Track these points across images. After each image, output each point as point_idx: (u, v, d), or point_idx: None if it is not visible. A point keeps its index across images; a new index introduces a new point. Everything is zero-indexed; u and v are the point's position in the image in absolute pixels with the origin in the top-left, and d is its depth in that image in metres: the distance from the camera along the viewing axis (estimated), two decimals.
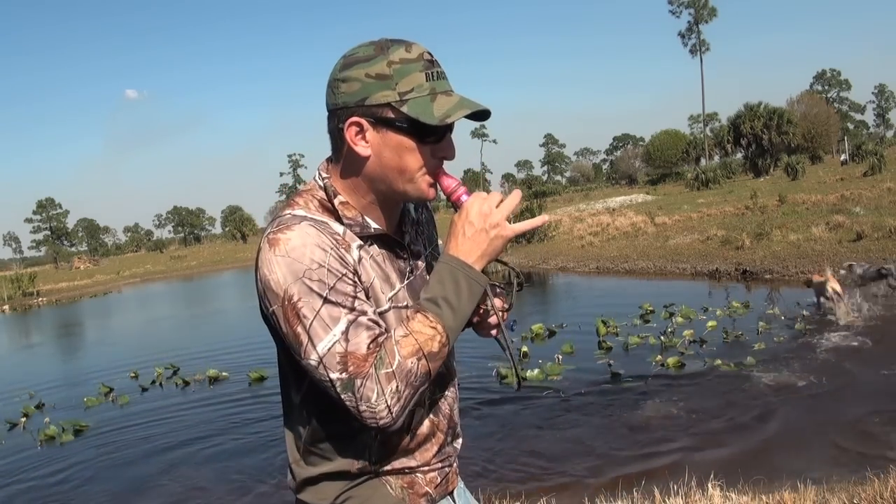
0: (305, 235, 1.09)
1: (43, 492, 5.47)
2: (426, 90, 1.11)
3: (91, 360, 12.69)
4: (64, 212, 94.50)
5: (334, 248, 1.10)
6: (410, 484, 1.23)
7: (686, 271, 13.12)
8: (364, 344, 1.07)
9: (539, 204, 23.55)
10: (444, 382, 1.29)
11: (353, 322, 1.08)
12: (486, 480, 4.49)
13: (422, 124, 1.10)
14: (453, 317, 1.11)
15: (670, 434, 5.06)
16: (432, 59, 1.14)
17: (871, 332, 7.01)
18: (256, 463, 5.48)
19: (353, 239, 1.16)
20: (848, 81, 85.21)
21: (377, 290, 1.16)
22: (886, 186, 17.72)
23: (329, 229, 1.13)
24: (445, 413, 1.28)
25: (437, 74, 1.13)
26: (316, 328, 1.06)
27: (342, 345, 1.06)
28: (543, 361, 7.19)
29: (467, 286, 1.12)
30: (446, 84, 1.15)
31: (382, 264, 1.19)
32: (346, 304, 1.08)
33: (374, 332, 1.08)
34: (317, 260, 1.07)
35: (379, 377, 1.06)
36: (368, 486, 1.21)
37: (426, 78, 1.11)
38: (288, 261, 1.07)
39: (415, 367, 1.07)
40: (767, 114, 42.80)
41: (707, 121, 70.96)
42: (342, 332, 1.07)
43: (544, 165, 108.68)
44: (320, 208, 1.17)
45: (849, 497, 3.25)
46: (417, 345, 1.08)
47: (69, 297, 31.37)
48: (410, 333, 1.09)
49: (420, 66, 1.11)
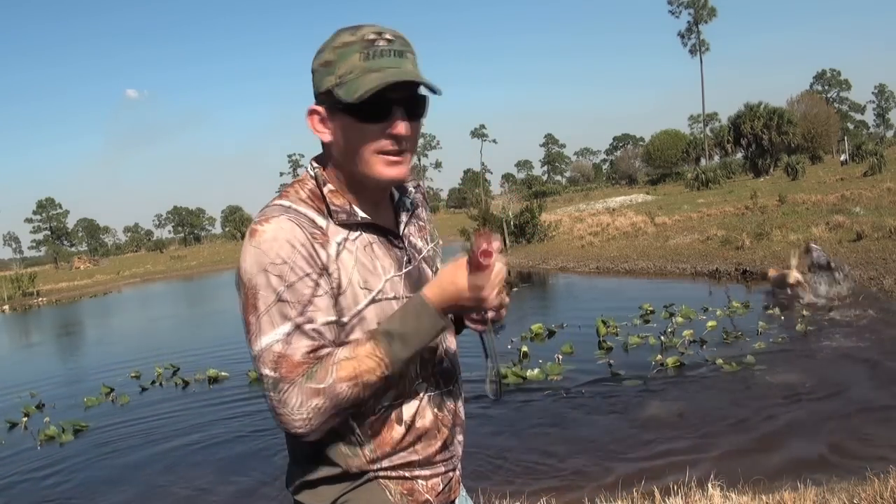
0: (279, 229, 1.10)
1: (43, 491, 5.47)
2: (359, 70, 1.11)
3: (91, 359, 12.70)
4: (64, 212, 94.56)
5: (306, 245, 1.11)
6: (410, 491, 1.22)
7: (686, 271, 13.12)
8: (300, 352, 1.08)
9: (539, 204, 23.53)
10: (449, 378, 1.28)
11: (299, 327, 1.09)
12: (486, 480, 4.49)
13: (358, 105, 1.10)
14: (403, 351, 1.10)
15: (670, 434, 5.06)
16: (376, 39, 1.12)
17: (870, 333, 7.01)
18: (257, 463, 5.47)
19: (336, 232, 1.16)
20: (848, 81, 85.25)
21: (355, 287, 1.15)
22: (886, 186, 17.72)
23: (309, 223, 1.14)
24: (450, 408, 1.28)
25: (378, 52, 1.12)
26: (264, 322, 1.09)
27: (281, 346, 1.08)
28: (544, 361, 7.19)
29: (429, 332, 1.12)
30: (387, 61, 1.12)
31: (370, 255, 1.19)
32: (298, 306, 1.09)
33: (314, 343, 1.09)
34: (282, 255, 1.09)
35: (304, 389, 1.06)
36: (366, 490, 1.20)
37: (362, 58, 1.11)
38: (258, 252, 1.09)
39: (346, 393, 1.08)
40: (767, 114, 42.78)
41: (707, 121, 70.99)
42: (285, 334, 1.08)
43: (544, 165, 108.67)
44: (310, 198, 1.18)
45: (849, 497, 3.25)
46: (356, 372, 1.08)
47: (69, 297, 31.38)
48: (354, 359, 1.09)
49: (358, 48, 1.12)
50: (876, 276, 9.63)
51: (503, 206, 22.94)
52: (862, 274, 9.91)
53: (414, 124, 1.16)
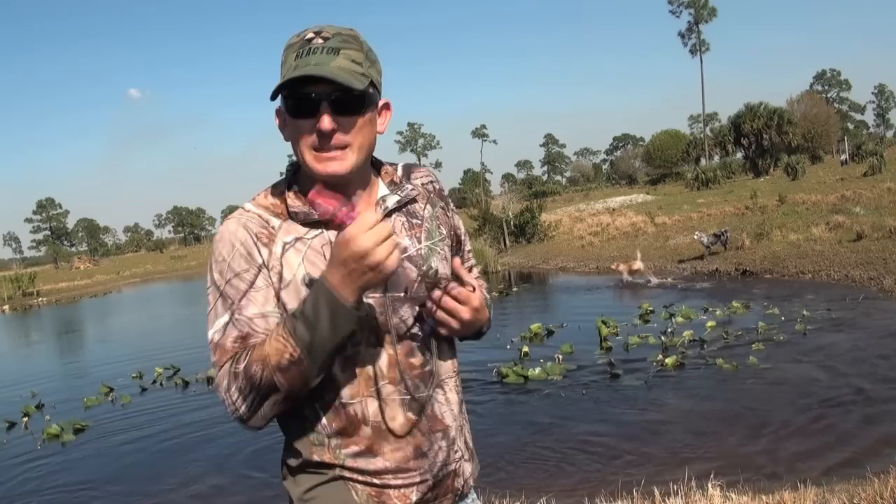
0: (226, 230, 1.21)
1: (42, 491, 5.47)
2: (291, 69, 1.15)
3: (91, 359, 12.70)
4: (64, 212, 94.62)
5: (244, 245, 1.18)
6: (378, 494, 1.21)
7: (686, 271, 13.13)
8: (230, 340, 1.17)
9: (539, 204, 23.54)
10: (427, 382, 1.24)
11: (231, 317, 1.17)
12: (485, 480, 4.49)
13: (290, 102, 1.17)
14: (309, 335, 1.08)
15: (670, 434, 5.06)
16: (313, 38, 1.16)
17: (870, 333, 7.02)
18: (257, 462, 5.47)
19: (288, 232, 1.20)
20: (848, 81, 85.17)
21: (298, 282, 1.17)
22: (886, 186, 17.72)
23: (260, 223, 1.20)
24: (429, 414, 1.24)
25: (309, 50, 1.16)
26: (210, 315, 1.20)
27: (219, 335, 1.18)
28: (544, 361, 7.19)
29: (328, 312, 1.08)
30: (314, 58, 1.15)
31: (326, 253, 1.18)
32: (234, 299, 1.17)
33: (243, 332, 1.16)
34: (223, 254, 1.19)
35: (229, 372, 1.14)
36: (334, 487, 1.21)
37: (295, 57, 1.16)
38: (211, 250, 1.23)
39: (258, 374, 1.11)
40: (767, 114, 42.76)
41: (707, 121, 70.92)
42: (223, 325, 1.18)
43: (544, 165, 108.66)
44: (272, 201, 1.24)
45: (849, 497, 3.26)
46: (265, 353, 1.11)
47: (69, 297, 31.39)
48: (265, 342, 1.13)
49: (296, 48, 1.17)
50: (876, 276, 9.63)
51: (503, 206, 22.94)
52: (862, 274, 9.92)
53: (344, 119, 1.16)
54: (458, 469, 1.29)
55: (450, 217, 1.39)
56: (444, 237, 1.34)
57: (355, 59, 1.17)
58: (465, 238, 1.44)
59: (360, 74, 1.16)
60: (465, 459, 1.31)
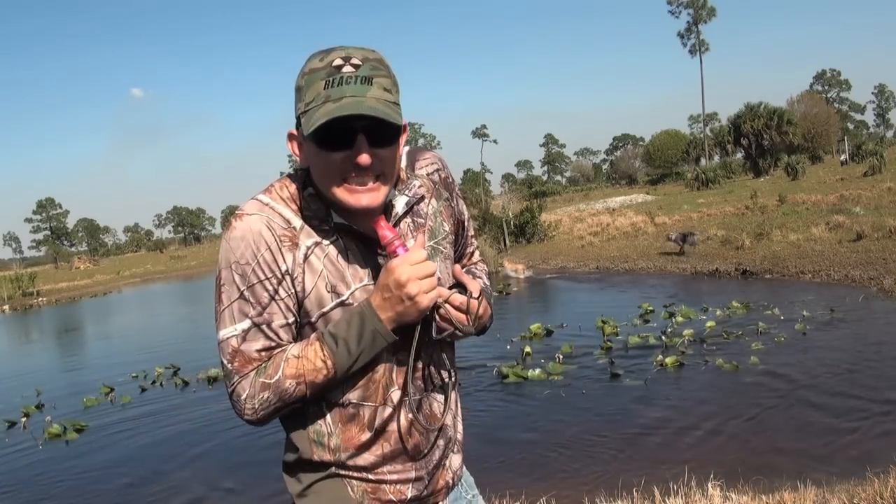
0: (248, 230, 1.14)
1: (42, 491, 5.47)
2: (321, 99, 1.10)
3: (91, 359, 12.70)
4: (64, 212, 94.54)
5: (270, 249, 1.14)
6: (374, 490, 1.23)
7: (686, 271, 13.13)
8: (254, 349, 1.15)
9: (539, 204, 23.53)
10: (431, 384, 1.27)
11: (256, 326, 1.15)
12: (485, 480, 4.48)
13: (321, 133, 1.09)
14: (347, 358, 1.14)
15: (670, 434, 5.07)
16: (342, 65, 1.10)
17: (870, 333, 7.02)
18: (257, 461, 5.48)
19: (309, 235, 1.17)
20: (848, 81, 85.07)
21: (321, 290, 1.16)
22: (886, 186, 17.73)
23: (283, 223, 1.16)
24: (429, 414, 1.26)
25: (340, 80, 1.10)
26: (225, 315, 1.16)
27: (237, 341, 1.15)
28: (545, 361, 7.19)
29: (370, 338, 1.14)
30: (349, 89, 1.10)
31: (342, 263, 1.18)
32: (258, 307, 1.15)
33: (269, 343, 1.16)
34: (247, 256, 1.13)
35: (255, 382, 1.14)
36: (330, 483, 1.22)
37: (325, 86, 1.10)
38: (227, 247, 1.15)
39: (292, 389, 1.14)
40: (767, 114, 42.72)
41: (707, 121, 70.89)
42: (243, 330, 1.15)
43: (544, 165, 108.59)
44: (291, 198, 1.19)
45: (849, 497, 3.26)
46: (302, 371, 1.13)
47: (69, 296, 31.38)
48: (301, 357, 1.13)
49: (323, 75, 1.11)
50: (876, 276, 9.64)
51: (503, 206, 22.94)
52: (862, 274, 9.92)
53: (381, 151, 1.13)
54: (448, 463, 1.31)
55: (454, 206, 1.38)
56: (448, 234, 1.33)
57: (386, 86, 1.13)
58: (468, 224, 1.44)
59: (394, 104, 1.14)
60: (453, 452, 1.33)
